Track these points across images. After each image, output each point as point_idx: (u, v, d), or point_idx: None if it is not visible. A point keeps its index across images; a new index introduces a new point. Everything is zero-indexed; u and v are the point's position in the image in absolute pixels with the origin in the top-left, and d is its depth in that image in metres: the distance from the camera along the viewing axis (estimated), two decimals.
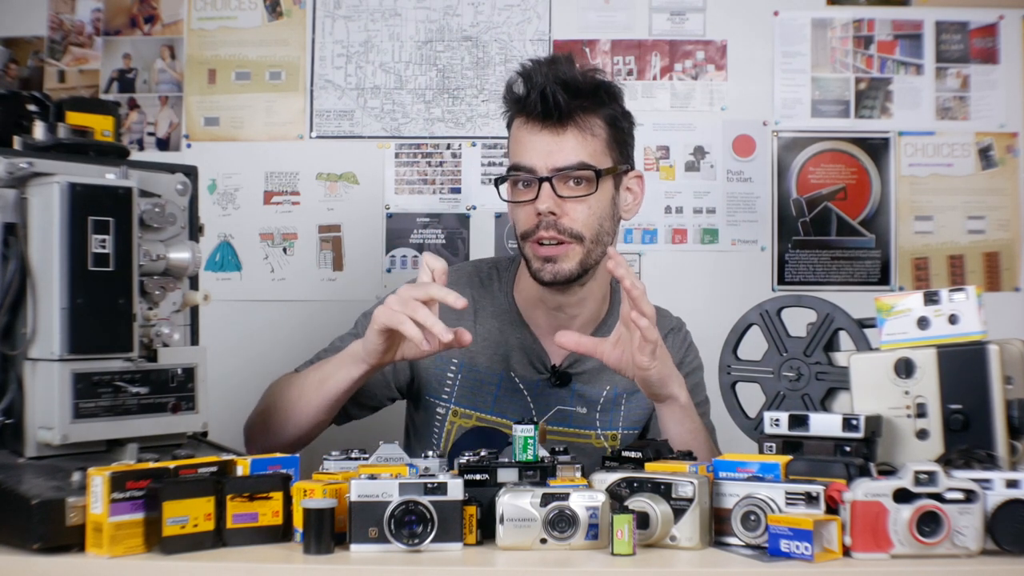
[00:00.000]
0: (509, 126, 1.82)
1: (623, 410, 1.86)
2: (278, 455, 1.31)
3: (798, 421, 1.32)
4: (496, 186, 1.83)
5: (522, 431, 1.30)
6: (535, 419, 1.79)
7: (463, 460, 1.30)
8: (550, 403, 1.82)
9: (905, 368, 1.35)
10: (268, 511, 1.23)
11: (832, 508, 1.19)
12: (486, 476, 1.28)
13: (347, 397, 1.65)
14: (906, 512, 1.15)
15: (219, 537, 1.20)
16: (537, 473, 1.29)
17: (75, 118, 1.41)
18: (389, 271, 2.58)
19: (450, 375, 1.84)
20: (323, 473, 1.31)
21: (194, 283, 1.45)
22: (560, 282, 1.75)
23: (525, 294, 1.87)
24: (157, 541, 1.17)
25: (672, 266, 2.58)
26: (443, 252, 2.59)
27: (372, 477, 1.21)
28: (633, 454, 1.34)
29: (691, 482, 1.21)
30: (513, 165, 1.76)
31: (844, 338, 1.48)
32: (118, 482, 1.16)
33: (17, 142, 1.35)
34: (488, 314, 1.87)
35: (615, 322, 1.85)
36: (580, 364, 1.85)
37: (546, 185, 1.71)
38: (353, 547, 1.19)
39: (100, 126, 1.43)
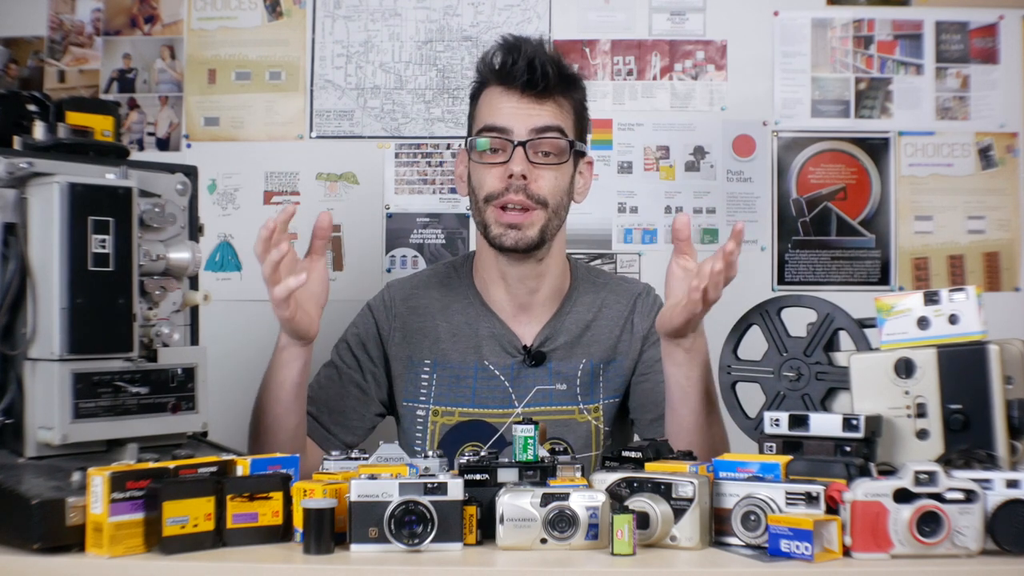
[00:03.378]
0: (475, 96, 1.87)
1: (602, 381, 1.87)
2: (278, 455, 1.31)
3: (798, 421, 1.32)
4: (468, 147, 1.85)
5: (522, 431, 1.30)
6: (515, 403, 1.81)
7: (463, 460, 1.30)
8: (529, 385, 1.84)
9: (905, 368, 1.35)
10: (268, 511, 1.23)
11: (832, 508, 1.19)
12: (486, 476, 1.28)
13: (303, 385, 1.69)
14: (906, 512, 1.15)
15: (219, 537, 1.20)
16: (537, 473, 1.29)
17: (75, 118, 1.41)
18: (389, 271, 2.58)
19: (424, 376, 1.86)
20: (323, 473, 1.31)
21: (194, 283, 1.45)
22: (521, 249, 1.79)
23: (486, 280, 1.90)
24: (157, 541, 1.17)
25: None
26: (443, 252, 2.58)
27: (372, 477, 1.21)
28: (633, 454, 1.34)
29: (691, 482, 1.21)
30: (487, 127, 1.80)
31: (844, 338, 1.48)
32: (118, 482, 1.16)
33: (17, 142, 1.35)
34: (454, 310, 1.90)
35: (579, 296, 1.91)
36: (552, 341, 1.87)
37: (520, 149, 1.76)
38: (353, 547, 1.19)
39: (100, 126, 1.43)
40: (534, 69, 1.77)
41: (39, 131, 1.37)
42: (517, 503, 1.20)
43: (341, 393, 1.86)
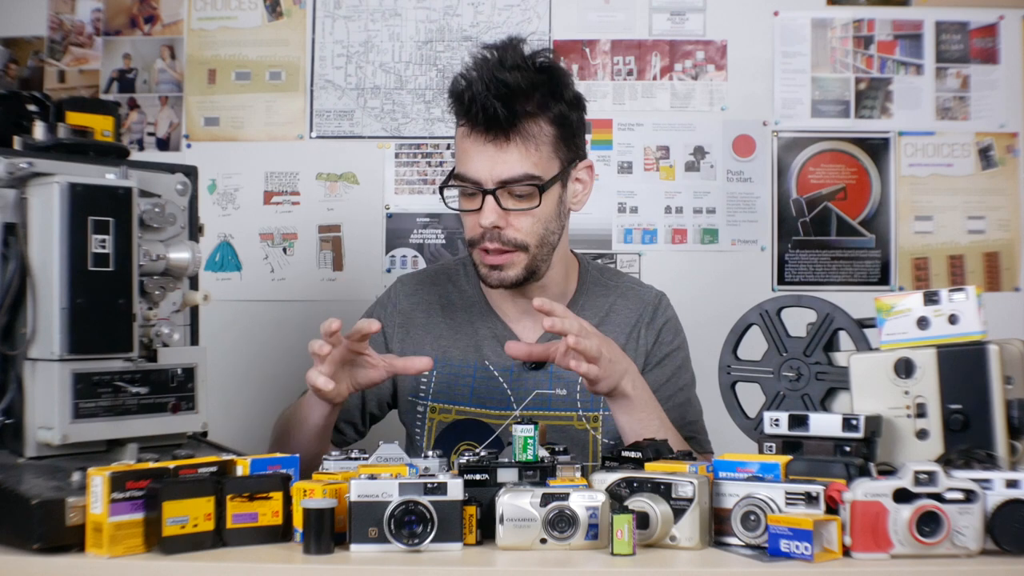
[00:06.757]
0: (456, 117, 1.80)
1: None
2: (278, 455, 1.31)
3: (798, 421, 1.32)
4: (441, 193, 1.78)
5: (522, 431, 1.30)
6: (513, 406, 1.79)
7: (463, 460, 1.30)
8: (528, 388, 1.81)
9: (905, 368, 1.35)
10: (268, 511, 1.23)
11: (832, 508, 1.19)
12: (486, 476, 1.28)
13: (330, 427, 1.70)
14: (906, 512, 1.15)
15: (219, 537, 1.20)
16: (537, 473, 1.29)
17: (75, 118, 1.41)
18: (389, 271, 2.58)
19: (425, 373, 1.84)
20: (323, 473, 1.31)
21: (194, 283, 1.45)
22: (506, 287, 1.76)
23: None
24: (157, 541, 1.17)
25: (672, 266, 2.58)
26: (443, 252, 2.59)
27: (372, 477, 1.21)
28: (633, 454, 1.34)
29: (691, 482, 1.21)
30: (458, 175, 1.74)
31: (844, 338, 1.48)
32: (118, 482, 1.16)
33: (17, 142, 1.35)
34: (458, 308, 1.89)
35: (586, 300, 1.87)
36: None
37: (490, 199, 1.69)
38: (353, 547, 1.19)
39: (100, 126, 1.43)
40: (488, 110, 1.65)
41: (39, 131, 1.37)
42: (517, 503, 1.20)
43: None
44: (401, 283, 1.97)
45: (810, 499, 1.18)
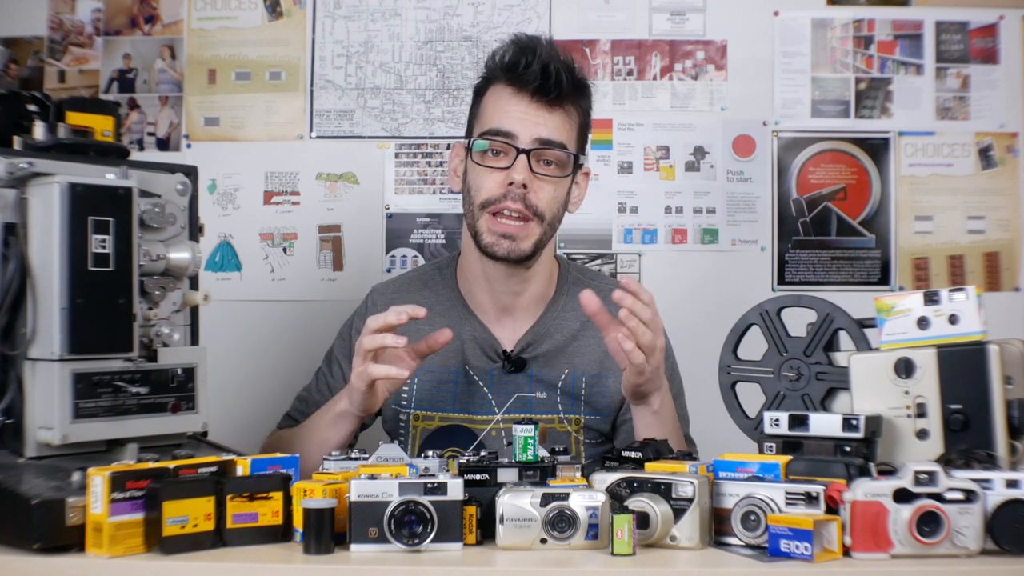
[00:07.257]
0: (480, 92, 1.82)
1: (584, 395, 1.82)
2: (278, 455, 1.31)
3: (798, 421, 1.32)
4: (469, 150, 1.78)
5: (522, 431, 1.30)
6: (495, 410, 1.78)
7: (463, 460, 1.30)
8: (509, 391, 1.79)
9: (905, 368, 1.35)
10: (268, 511, 1.23)
11: (832, 508, 1.19)
12: (486, 476, 1.28)
13: (346, 445, 1.69)
14: (906, 512, 1.15)
15: (219, 537, 1.20)
16: (537, 473, 1.29)
17: (75, 118, 1.41)
18: (389, 271, 2.58)
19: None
20: (323, 473, 1.31)
21: (194, 283, 1.45)
22: (513, 260, 1.76)
23: (468, 283, 1.87)
24: (157, 541, 1.17)
25: (672, 266, 2.58)
26: (443, 252, 2.58)
27: (372, 477, 1.21)
28: (633, 454, 1.34)
29: (691, 482, 1.21)
30: (492, 130, 1.75)
31: (844, 338, 1.48)
32: (118, 482, 1.16)
33: (17, 142, 1.35)
34: (437, 312, 1.86)
35: (566, 302, 1.86)
36: (534, 348, 1.83)
37: (523, 157, 1.72)
38: (353, 547, 1.19)
39: (100, 126, 1.43)
40: (548, 75, 1.72)
41: (39, 131, 1.37)
42: (517, 503, 1.20)
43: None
44: (377, 293, 1.95)
45: (810, 499, 1.18)
